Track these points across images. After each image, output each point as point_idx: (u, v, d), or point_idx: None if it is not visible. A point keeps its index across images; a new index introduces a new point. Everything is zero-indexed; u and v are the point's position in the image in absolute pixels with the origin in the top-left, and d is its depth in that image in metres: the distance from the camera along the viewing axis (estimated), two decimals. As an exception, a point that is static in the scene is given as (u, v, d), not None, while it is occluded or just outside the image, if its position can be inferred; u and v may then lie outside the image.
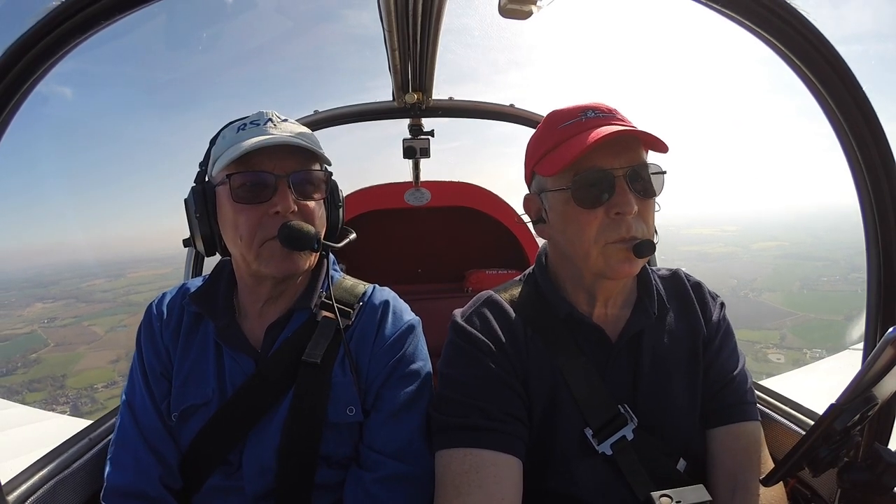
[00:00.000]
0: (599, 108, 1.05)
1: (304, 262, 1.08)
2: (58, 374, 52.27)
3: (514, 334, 1.10)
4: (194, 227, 1.12)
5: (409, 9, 1.26)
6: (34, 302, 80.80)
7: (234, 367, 1.10)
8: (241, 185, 1.03)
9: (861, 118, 0.91)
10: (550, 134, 1.07)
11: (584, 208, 1.01)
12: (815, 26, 0.87)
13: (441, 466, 1.01)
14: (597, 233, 1.01)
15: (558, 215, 1.07)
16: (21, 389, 48.82)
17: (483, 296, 1.19)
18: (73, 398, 46.22)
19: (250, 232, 1.04)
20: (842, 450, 0.80)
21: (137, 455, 1.06)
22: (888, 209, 0.93)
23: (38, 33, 0.71)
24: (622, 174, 0.99)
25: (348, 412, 1.08)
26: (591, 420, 1.05)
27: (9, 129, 0.75)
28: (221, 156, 1.06)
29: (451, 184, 2.80)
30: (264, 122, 1.08)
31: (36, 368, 54.51)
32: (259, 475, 1.05)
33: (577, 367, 1.07)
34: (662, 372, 1.10)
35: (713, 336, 1.15)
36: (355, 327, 1.15)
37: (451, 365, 1.09)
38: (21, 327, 69.16)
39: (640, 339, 1.11)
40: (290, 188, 1.05)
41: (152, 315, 1.19)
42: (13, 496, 1.01)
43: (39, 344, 61.36)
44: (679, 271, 1.25)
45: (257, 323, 1.15)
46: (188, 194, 1.13)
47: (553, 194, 1.07)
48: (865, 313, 1.01)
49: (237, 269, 1.17)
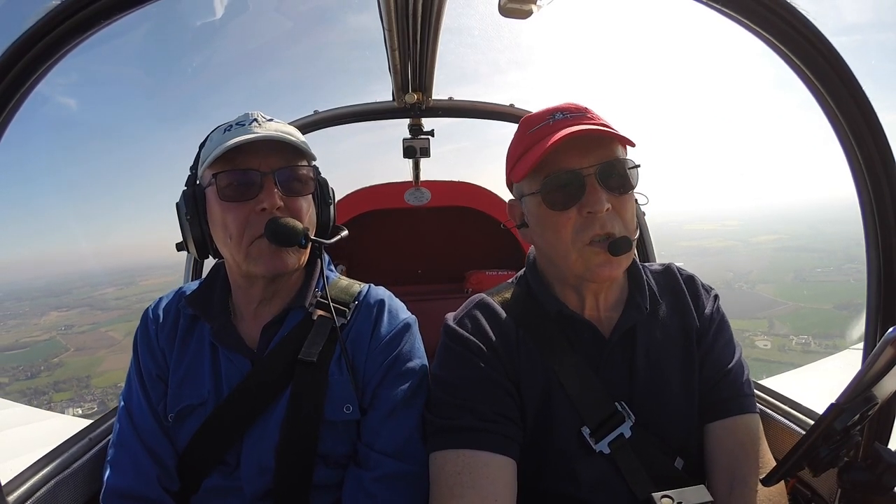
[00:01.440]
0: (569, 108, 1.05)
1: (293, 260, 1.08)
2: (82, 375, 55.65)
3: (505, 336, 1.10)
4: (186, 230, 1.12)
5: (409, 9, 1.27)
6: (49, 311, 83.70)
7: (231, 368, 1.10)
8: (228, 185, 1.04)
9: (860, 117, 0.91)
10: (521, 139, 1.09)
11: (556, 210, 1.01)
12: (814, 25, 0.87)
13: (435, 468, 1.01)
14: (572, 234, 1.00)
15: (535, 219, 1.08)
16: (47, 390, 52.36)
17: (475, 299, 1.19)
18: (98, 395, 48.95)
19: (238, 230, 1.04)
20: (842, 450, 0.80)
21: (135, 457, 1.07)
22: (888, 209, 0.93)
23: (38, 33, 0.71)
24: (592, 172, 0.99)
25: (345, 410, 1.08)
26: (588, 419, 1.05)
27: (8, 130, 0.75)
28: (208, 157, 1.06)
29: (451, 183, 2.79)
30: (249, 122, 1.08)
31: (59, 371, 57.91)
32: (257, 475, 1.05)
33: (571, 366, 1.07)
34: (657, 368, 1.09)
35: (706, 329, 1.14)
36: (351, 326, 1.15)
37: (444, 367, 1.09)
38: (39, 335, 72.24)
39: (633, 335, 1.10)
40: (276, 185, 1.05)
41: (148, 319, 1.20)
42: (13, 496, 1.01)
43: (60, 349, 65.19)
44: (671, 266, 1.25)
45: (253, 323, 1.15)
46: (179, 198, 1.13)
47: (529, 198, 1.08)
48: (865, 313, 1.01)
49: (230, 271, 1.17)
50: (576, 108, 1.05)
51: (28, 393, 51.24)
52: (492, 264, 2.80)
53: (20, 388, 53.26)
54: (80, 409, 47.31)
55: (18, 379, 56.85)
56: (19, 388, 53.31)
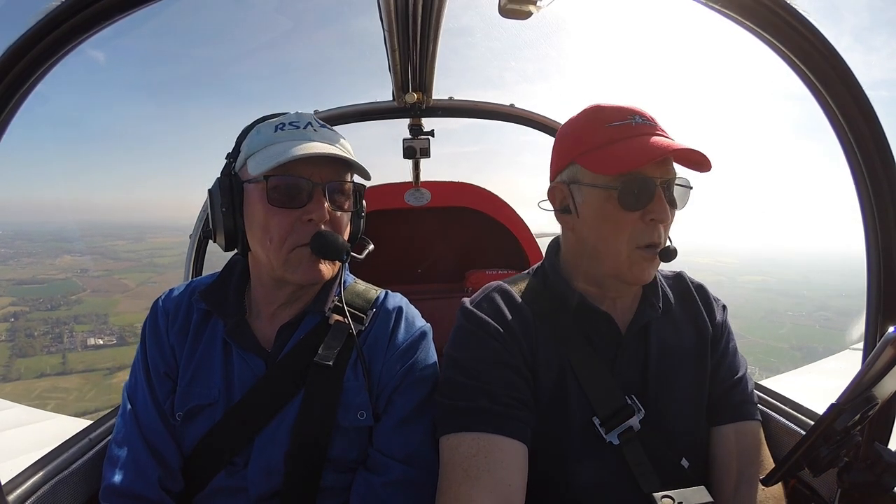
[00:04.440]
0: (644, 114, 1.08)
1: (328, 271, 1.08)
2: (100, 312, 60.58)
3: (522, 321, 1.12)
4: (218, 220, 1.08)
5: (409, 9, 1.27)
6: (62, 254, 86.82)
7: (244, 367, 1.09)
8: (276, 188, 1.02)
9: (860, 117, 0.91)
10: (598, 130, 1.08)
11: (626, 210, 1.03)
12: (814, 25, 0.87)
13: (448, 450, 1.01)
14: (630, 235, 1.04)
15: (594, 211, 1.08)
16: (68, 321, 57.56)
17: (492, 284, 1.21)
18: (116, 331, 54.39)
19: (281, 236, 1.02)
20: (842, 450, 0.80)
21: (137, 456, 1.06)
22: (888, 209, 0.93)
23: (38, 33, 0.71)
24: (660, 183, 1.04)
25: (359, 416, 1.08)
26: (599, 409, 1.06)
27: (8, 129, 0.75)
28: (257, 154, 1.04)
29: (451, 184, 2.79)
30: (304, 126, 1.06)
31: (78, 307, 62.73)
32: (265, 477, 1.05)
33: (586, 356, 1.09)
34: (669, 365, 1.12)
35: (719, 336, 1.20)
36: (368, 332, 1.15)
37: (459, 348, 1.10)
38: (56, 273, 76.59)
39: (647, 332, 1.14)
40: (326, 196, 1.04)
41: (158, 311, 1.18)
42: (13, 496, 1.01)
43: (77, 289, 69.07)
44: (682, 273, 1.29)
45: (268, 323, 1.14)
46: (213, 185, 1.09)
47: (591, 190, 1.07)
48: (865, 313, 1.01)
49: (256, 270, 1.15)
50: (649, 116, 1.08)
51: (50, 321, 56.54)
52: (492, 264, 2.79)
53: (42, 317, 57.87)
54: (101, 340, 51.50)
55: (39, 309, 60.56)
56: (41, 317, 57.81)
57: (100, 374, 45.97)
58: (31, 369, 47.57)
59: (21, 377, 46.27)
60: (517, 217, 2.83)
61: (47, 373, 47.09)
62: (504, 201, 2.82)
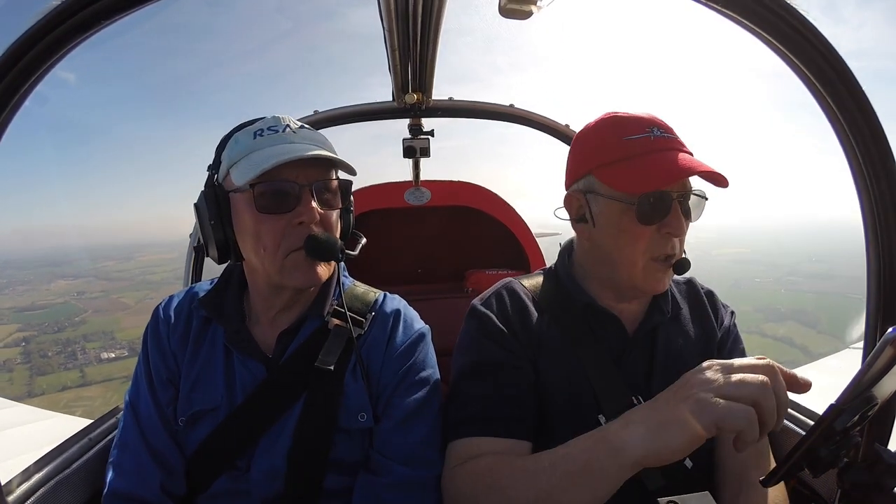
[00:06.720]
0: (662, 125, 1.08)
1: (325, 272, 1.08)
2: (106, 330, 63.38)
3: (530, 320, 1.14)
4: (207, 233, 1.07)
5: (409, 9, 1.27)
6: (56, 279, 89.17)
7: (245, 373, 1.10)
8: (264, 194, 1.01)
9: (860, 117, 0.91)
10: (616, 143, 1.07)
11: (643, 224, 1.04)
12: (814, 26, 0.87)
13: (459, 458, 1.02)
14: (646, 247, 1.06)
15: (611, 223, 1.09)
16: (78, 340, 60.69)
17: (502, 282, 1.23)
18: (125, 344, 56.63)
19: (274, 242, 1.02)
20: (842, 450, 0.80)
21: (139, 460, 1.06)
22: (888, 209, 0.93)
23: (39, 33, 0.70)
24: (676, 197, 1.05)
25: (360, 418, 1.08)
26: (605, 408, 1.07)
27: (8, 129, 0.75)
28: (239, 163, 1.03)
29: (451, 183, 2.79)
30: (282, 129, 1.05)
31: (84, 327, 65.77)
32: (268, 480, 1.05)
33: (594, 355, 1.11)
34: (675, 368, 1.12)
35: (726, 340, 1.22)
36: (367, 335, 1.15)
37: (470, 351, 1.12)
38: (53, 299, 78.91)
39: (654, 335, 1.16)
40: (314, 197, 1.03)
41: (159, 318, 1.18)
42: (13, 496, 1.01)
43: (78, 311, 72.16)
44: (693, 279, 1.32)
45: (268, 329, 1.14)
46: (199, 198, 1.08)
47: (608, 202, 1.08)
48: (865, 313, 1.01)
49: (252, 277, 1.14)
50: (667, 127, 1.08)
51: (60, 342, 59.62)
52: (492, 264, 2.79)
53: (51, 339, 60.75)
54: (114, 353, 54.10)
55: (46, 332, 63.40)
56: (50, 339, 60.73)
57: (118, 381, 48.06)
58: (53, 384, 50.45)
59: (45, 392, 48.36)
60: (517, 216, 2.83)
61: (69, 385, 49.75)
62: (504, 200, 2.82)
